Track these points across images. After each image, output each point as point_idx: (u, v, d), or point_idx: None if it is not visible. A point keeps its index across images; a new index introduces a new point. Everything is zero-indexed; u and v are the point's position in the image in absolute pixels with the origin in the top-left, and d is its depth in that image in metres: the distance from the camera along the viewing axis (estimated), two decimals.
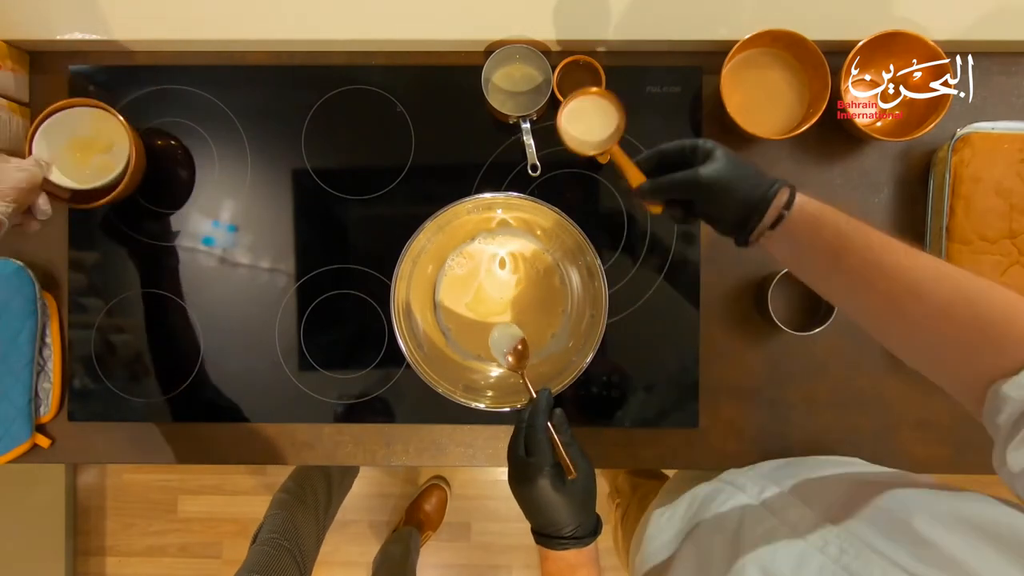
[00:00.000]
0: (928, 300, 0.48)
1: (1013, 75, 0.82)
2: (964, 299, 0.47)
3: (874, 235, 0.52)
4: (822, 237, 0.54)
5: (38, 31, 0.82)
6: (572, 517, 0.59)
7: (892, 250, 0.51)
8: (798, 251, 0.56)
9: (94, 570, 1.73)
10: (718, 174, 0.56)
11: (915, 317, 0.49)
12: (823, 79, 0.76)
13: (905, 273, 0.50)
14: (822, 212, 0.55)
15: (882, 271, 0.51)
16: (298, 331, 0.85)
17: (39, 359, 0.83)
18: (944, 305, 0.48)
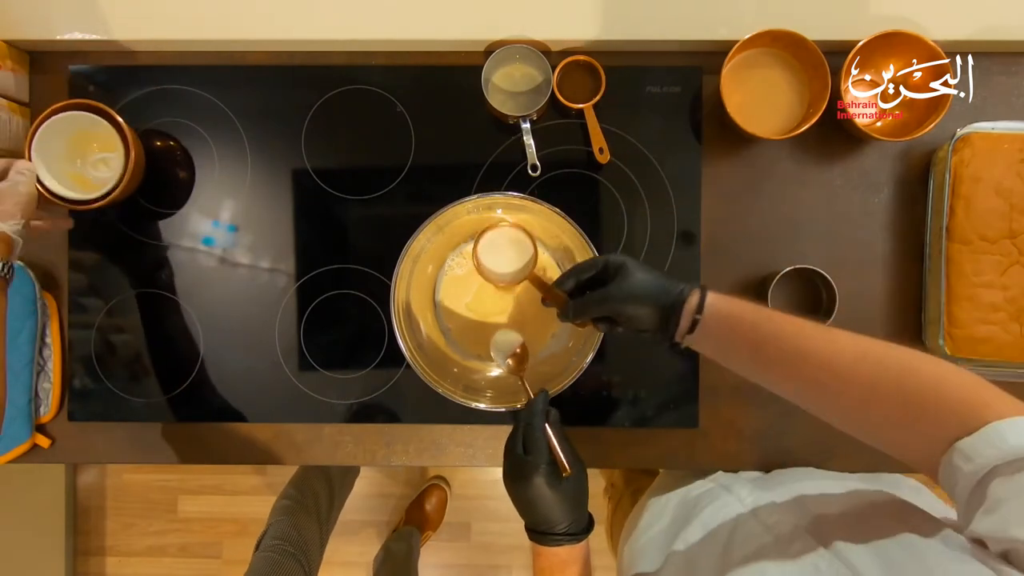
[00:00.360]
0: (854, 383, 0.49)
1: (1013, 75, 0.82)
2: (888, 378, 0.47)
3: (788, 324, 0.53)
4: (738, 333, 0.56)
5: (38, 31, 0.82)
6: (566, 514, 0.60)
7: (807, 336, 0.52)
8: (720, 348, 0.58)
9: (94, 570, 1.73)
10: (628, 289, 0.60)
11: (846, 400, 0.50)
12: (823, 79, 0.76)
13: (825, 359, 0.51)
14: (733, 309, 0.57)
15: (802, 359, 0.52)
16: (298, 331, 0.85)
17: (39, 359, 0.83)
18: (869, 387, 0.48)
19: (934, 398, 0.45)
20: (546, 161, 0.83)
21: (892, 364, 0.48)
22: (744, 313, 0.56)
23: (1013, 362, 0.76)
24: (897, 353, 0.49)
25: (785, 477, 0.73)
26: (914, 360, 0.48)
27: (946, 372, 0.46)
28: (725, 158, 0.84)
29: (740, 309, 0.56)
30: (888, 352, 0.49)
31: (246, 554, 1.06)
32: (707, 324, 0.57)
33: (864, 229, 0.83)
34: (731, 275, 0.83)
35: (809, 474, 0.75)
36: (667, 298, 0.59)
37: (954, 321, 0.76)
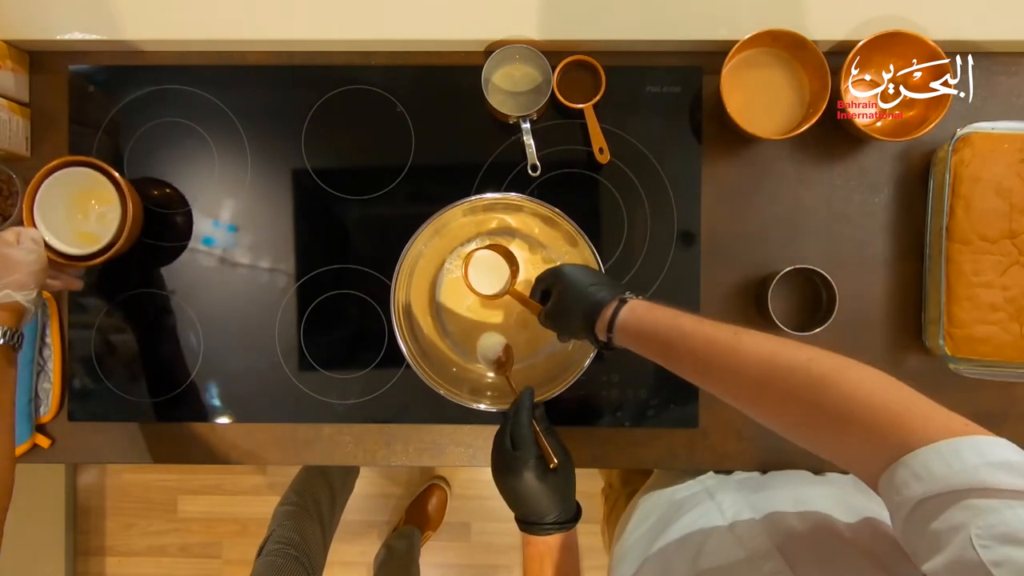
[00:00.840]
0: (763, 393, 0.48)
1: (1013, 75, 0.82)
2: (797, 390, 0.45)
3: (694, 338, 0.53)
4: (651, 350, 0.57)
5: (38, 31, 0.82)
6: (555, 504, 0.63)
7: (717, 347, 0.52)
8: (643, 355, 0.59)
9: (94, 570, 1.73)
10: (560, 303, 0.65)
11: (759, 410, 0.49)
12: (823, 79, 0.76)
13: (732, 371, 0.50)
14: (644, 326, 0.58)
15: (712, 372, 0.52)
16: (298, 331, 0.85)
17: (39, 359, 0.83)
18: (780, 402, 0.47)
19: (847, 415, 0.42)
20: (546, 161, 0.83)
21: (800, 378, 0.46)
22: (656, 329, 0.56)
23: (1013, 362, 0.76)
24: (805, 366, 0.46)
25: (773, 482, 0.73)
26: (832, 373, 0.44)
27: (867, 388, 0.43)
28: (725, 158, 0.84)
29: (652, 325, 0.57)
30: (797, 364, 0.46)
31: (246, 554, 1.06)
32: (620, 338, 0.60)
33: (864, 229, 0.83)
34: (731, 275, 0.83)
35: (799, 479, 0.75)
36: (586, 311, 0.62)
37: (954, 321, 0.76)
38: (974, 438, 0.37)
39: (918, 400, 0.42)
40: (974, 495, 0.34)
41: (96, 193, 0.80)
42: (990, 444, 0.36)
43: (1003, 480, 0.34)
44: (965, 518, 0.34)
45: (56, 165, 0.75)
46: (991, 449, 0.36)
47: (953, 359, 0.76)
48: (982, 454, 0.36)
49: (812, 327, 0.77)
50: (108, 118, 0.85)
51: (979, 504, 0.34)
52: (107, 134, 0.85)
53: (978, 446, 0.36)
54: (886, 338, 0.82)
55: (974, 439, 0.37)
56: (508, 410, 0.69)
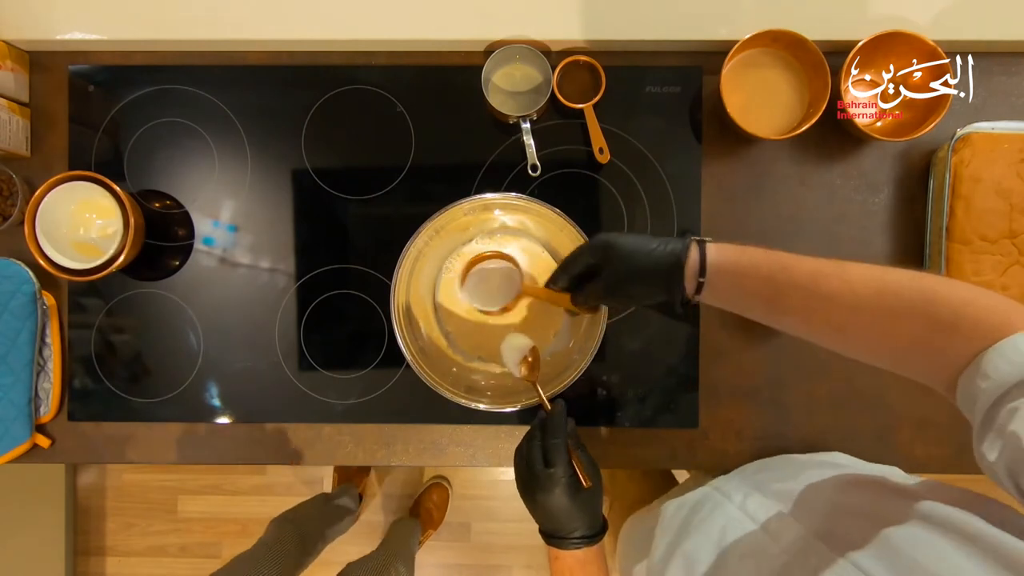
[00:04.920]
0: (874, 320, 0.48)
1: (1013, 75, 0.82)
2: (908, 309, 0.47)
3: (798, 269, 0.52)
4: (749, 289, 0.54)
5: (38, 31, 0.82)
6: (583, 521, 0.61)
7: (823, 275, 0.51)
8: (732, 303, 0.57)
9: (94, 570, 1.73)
10: (623, 271, 0.59)
11: (866, 337, 0.50)
12: (823, 79, 0.76)
13: (843, 297, 0.50)
14: (741, 261, 0.54)
15: (819, 305, 0.51)
16: (298, 331, 0.85)
17: (39, 359, 0.83)
18: (890, 320, 0.48)
19: (951, 321, 0.44)
20: (546, 161, 0.83)
21: (913, 295, 0.47)
22: (755, 265, 0.53)
23: None
24: (918, 283, 0.47)
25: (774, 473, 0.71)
26: (937, 286, 0.46)
27: (973, 295, 0.45)
28: (725, 158, 0.84)
29: (749, 261, 0.54)
30: (907, 282, 0.47)
31: None
32: (714, 283, 0.55)
33: (864, 229, 0.83)
34: None
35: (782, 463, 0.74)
36: (665, 266, 0.56)
37: None
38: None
39: (1020, 305, 0.44)
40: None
41: (97, 205, 0.80)
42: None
43: None
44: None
45: (58, 180, 0.75)
46: None
47: None
48: None
49: None
50: (108, 118, 0.85)
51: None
52: (107, 134, 0.85)
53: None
54: None
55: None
56: (537, 422, 0.65)
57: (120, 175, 0.84)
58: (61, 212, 0.78)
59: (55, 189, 0.76)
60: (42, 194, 0.75)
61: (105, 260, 0.77)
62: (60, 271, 0.77)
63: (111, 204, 0.77)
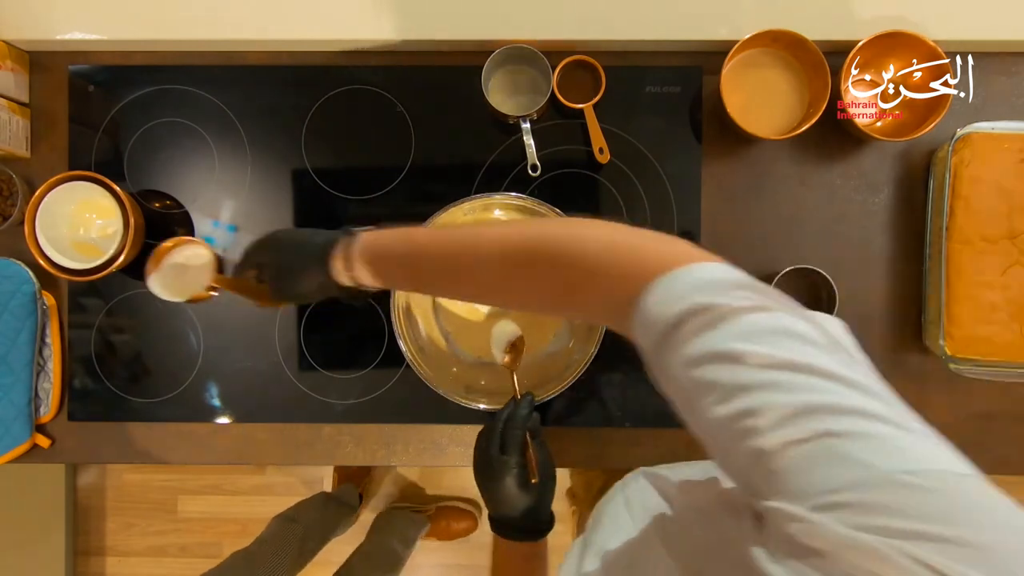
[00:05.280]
0: (509, 276, 0.48)
1: (1013, 75, 0.82)
2: (532, 261, 0.46)
3: (434, 244, 0.52)
4: (394, 270, 0.56)
5: (38, 31, 0.82)
6: (530, 513, 0.63)
7: (453, 255, 0.51)
8: (389, 284, 0.58)
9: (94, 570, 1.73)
10: (279, 266, 0.61)
11: (521, 294, 0.49)
12: (823, 79, 0.76)
13: (476, 267, 0.49)
14: (377, 247, 0.56)
15: (458, 275, 0.52)
16: (298, 331, 0.85)
17: (39, 359, 0.83)
18: (529, 274, 0.46)
19: (597, 274, 0.42)
20: (546, 161, 0.83)
21: (541, 255, 0.45)
22: (393, 246, 0.55)
23: (1013, 362, 0.76)
24: (542, 242, 0.45)
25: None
26: (566, 239, 0.44)
27: (604, 243, 0.43)
28: (725, 158, 0.84)
29: (388, 243, 0.55)
30: (532, 242, 0.46)
31: None
32: (362, 271, 0.56)
33: (864, 229, 0.83)
34: None
35: None
36: (315, 257, 0.58)
37: (954, 321, 0.76)
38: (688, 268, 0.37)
39: (651, 238, 0.42)
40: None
41: (97, 205, 0.80)
42: (698, 269, 0.37)
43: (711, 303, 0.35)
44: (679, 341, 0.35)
45: (58, 180, 0.75)
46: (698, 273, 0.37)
47: (953, 359, 0.76)
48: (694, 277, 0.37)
49: None
50: (108, 118, 0.85)
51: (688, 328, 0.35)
52: (107, 134, 0.85)
53: (689, 275, 0.37)
54: (886, 338, 0.83)
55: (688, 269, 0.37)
56: (502, 410, 0.67)
57: (120, 175, 0.84)
58: (61, 212, 0.78)
59: (55, 189, 0.76)
60: (42, 194, 0.75)
61: (105, 260, 0.77)
62: (60, 271, 0.77)
63: (111, 204, 0.77)
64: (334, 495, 1.48)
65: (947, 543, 0.24)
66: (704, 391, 0.34)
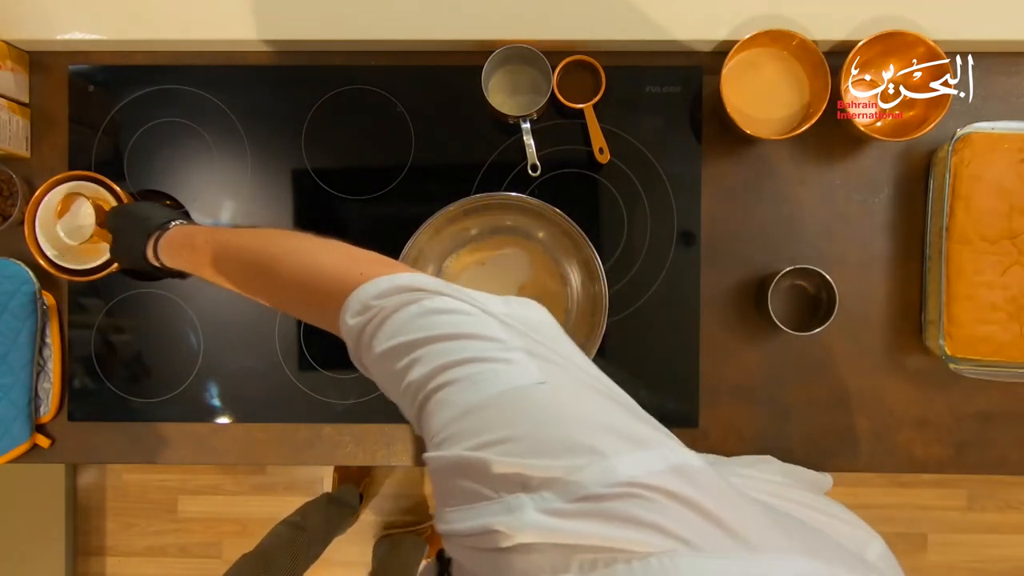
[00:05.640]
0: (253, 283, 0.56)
1: (1013, 75, 0.82)
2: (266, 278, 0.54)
3: (210, 242, 0.60)
4: (182, 259, 0.64)
5: (38, 31, 0.82)
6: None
7: (216, 253, 0.59)
8: (192, 271, 0.64)
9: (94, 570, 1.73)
10: (117, 235, 0.72)
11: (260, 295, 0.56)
12: (823, 79, 0.76)
13: (228, 269, 0.58)
14: (173, 240, 0.66)
15: (221, 274, 0.59)
16: (298, 331, 0.85)
17: (39, 359, 0.83)
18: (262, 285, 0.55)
19: (307, 287, 0.50)
20: (546, 161, 0.83)
21: (264, 268, 0.54)
22: (183, 241, 0.65)
23: (1013, 362, 0.76)
24: (263, 256, 0.54)
25: None
26: (281, 255, 0.52)
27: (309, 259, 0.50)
28: (725, 158, 0.84)
29: (181, 238, 0.65)
30: (260, 255, 0.55)
31: None
32: (166, 256, 0.66)
33: (864, 229, 0.83)
34: (731, 275, 0.83)
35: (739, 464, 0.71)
36: (142, 237, 0.68)
37: (954, 321, 0.76)
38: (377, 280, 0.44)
39: (339, 259, 0.50)
40: None
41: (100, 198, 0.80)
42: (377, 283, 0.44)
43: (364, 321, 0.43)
44: None
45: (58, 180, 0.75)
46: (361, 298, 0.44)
47: (953, 359, 0.76)
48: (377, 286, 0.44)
49: (812, 327, 0.77)
50: (108, 118, 0.85)
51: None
52: (107, 134, 0.85)
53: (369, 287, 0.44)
54: (886, 338, 0.83)
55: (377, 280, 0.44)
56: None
57: (120, 175, 0.84)
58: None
59: (55, 189, 0.76)
60: (42, 194, 0.75)
61: (105, 260, 0.77)
62: (60, 271, 0.77)
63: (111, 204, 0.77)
64: (336, 496, 1.48)
65: (508, 442, 0.32)
66: (386, 383, 0.42)
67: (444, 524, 0.33)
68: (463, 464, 0.32)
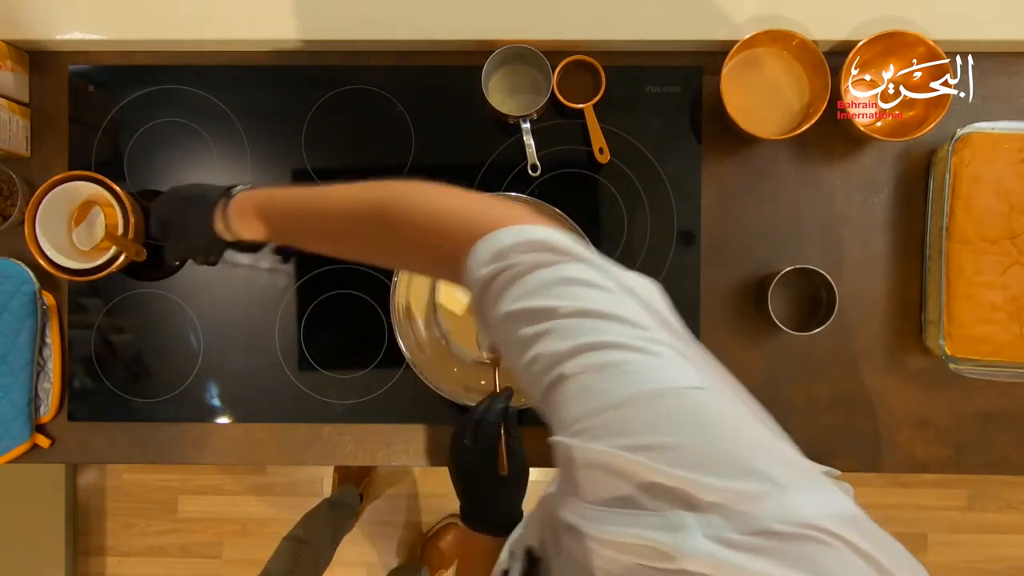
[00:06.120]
0: (355, 232, 0.52)
1: (1013, 75, 0.82)
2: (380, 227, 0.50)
3: (295, 199, 0.57)
4: (264, 223, 0.60)
5: (38, 31, 0.82)
6: (496, 508, 0.63)
7: (311, 209, 0.56)
8: (270, 239, 0.62)
9: (94, 570, 1.73)
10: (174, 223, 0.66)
11: (364, 249, 0.54)
12: (823, 79, 0.76)
13: (331, 226, 0.54)
14: (246, 204, 0.60)
15: (312, 231, 0.57)
16: (298, 331, 0.85)
17: (39, 359, 0.83)
18: (366, 233, 0.52)
19: (427, 235, 0.47)
20: (546, 161, 0.83)
21: (377, 217, 0.50)
22: (259, 202, 0.60)
23: (1012, 362, 0.76)
24: (380, 204, 0.50)
25: None
26: (401, 200, 0.48)
27: (430, 206, 0.47)
28: (725, 158, 0.84)
29: (260, 199, 0.60)
30: (372, 204, 0.50)
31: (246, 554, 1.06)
32: (238, 225, 0.61)
33: (864, 229, 0.83)
34: (731, 275, 0.83)
35: None
36: (203, 211, 0.63)
37: (954, 321, 0.76)
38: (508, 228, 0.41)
39: (472, 203, 0.46)
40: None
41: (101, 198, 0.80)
42: (510, 232, 0.41)
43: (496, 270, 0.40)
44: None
45: (58, 180, 0.75)
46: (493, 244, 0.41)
47: (953, 359, 0.76)
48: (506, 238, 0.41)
49: (812, 327, 0.77)
50: (108, 118, 0.85)
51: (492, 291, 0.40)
52: (107, 134, 0.85)
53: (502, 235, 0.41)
54: (886, 338, 0.83)
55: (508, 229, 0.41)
56: (479, 403, 0.68)
57: (120, 175, 0.84)
58: (61, 212, 0.78)
59: (55, 189, 0.76)
60: (42, 194, 0.75)
61: (105, 260, 0.76)
62: (60, 271, 0.77)
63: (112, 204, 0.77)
64: (335, 500, 1.47)
65: (671, 450, 0.29)
66: (508, 345, 0.39)
67: (586, 523, 0.30)
68: (615, 464, 0.30)
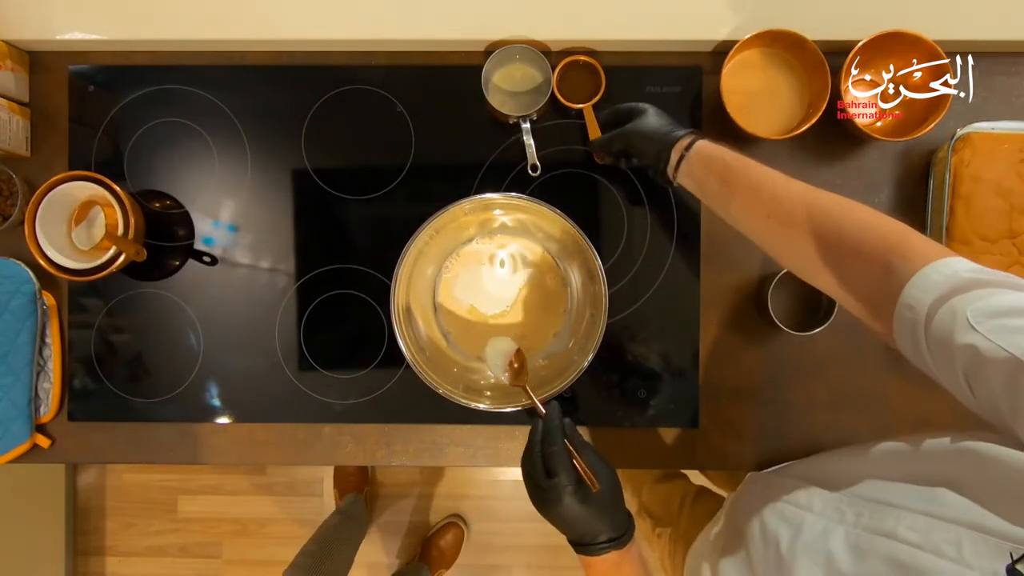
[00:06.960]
0: (798, 221, 0.56)
1: (1013, 75, 0.82)
2: (830, 222, 0.54)
3: (755, 167, 0.62)
4: (712, 170, 0.64)
5: (38, 31, 0.82)
6: (605, 524, 0.59)
7: (767, 176, 0.60)
8: (699, 183, 0.66)
9: (94, 570, 1.73)
10: (640, 127, 0.72)
11: (792, 237, 0.57)
12: (823, 79, 0.76)
13: (777, 195, 0.58)
14: (714, 152, 0.65)
15: (758, 192, 0.60)
16: (298, 331, 0.85)
17: (39, 359, 0.83)
18: (814, 227, 0.55)
19: (862, 245, 0.51)
20: (546, 161, 0.83)
21: (835, 212, 0.55)
22: (723, 154, 0.64)
23: None
24: (845, 204, 0.55)
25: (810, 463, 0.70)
26: (848, 210, 0.54)
27: (873, 221, 0.52)
28: None
29: (720, 152, 0.65)
30: (834, 202, 0.56)
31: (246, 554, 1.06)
32: (691, 161, 0.66)
33: None
34: (731, 275, 0.83)
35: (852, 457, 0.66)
36: (668, 138, 0.68)
37: None
38: (949, 259, 0.46)
39: (908, 230, 0.50)
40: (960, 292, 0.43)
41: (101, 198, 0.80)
42: (959, 260, 0.46)
43: (980, 278, 0.44)
44: (959, 306, 0.43)
45: (58, 180, 0.75)
46: (960, 263, 0.46)
47: None
48: (956, 267, 0.45)
49: (812, 327, 0.77)
50: (108, 118, 0.85)
51: (967, 296, 0.43)
52: (107, 134, 0.85)
53: (951, 264, 0.46)
54: None
55: (949, 259, 0.46)
56: (533, 431, 0.62)
57: (120, 175, 0.84)
58: (60, 211, 0.78)
59: (55, 189, 0.76)
60: (42, 194, 0.75)
61: (105, 260, 0.76)
62: (60, 271, 0.77)
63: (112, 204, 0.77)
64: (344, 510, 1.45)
65: None
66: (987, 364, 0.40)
67: None
68: None
